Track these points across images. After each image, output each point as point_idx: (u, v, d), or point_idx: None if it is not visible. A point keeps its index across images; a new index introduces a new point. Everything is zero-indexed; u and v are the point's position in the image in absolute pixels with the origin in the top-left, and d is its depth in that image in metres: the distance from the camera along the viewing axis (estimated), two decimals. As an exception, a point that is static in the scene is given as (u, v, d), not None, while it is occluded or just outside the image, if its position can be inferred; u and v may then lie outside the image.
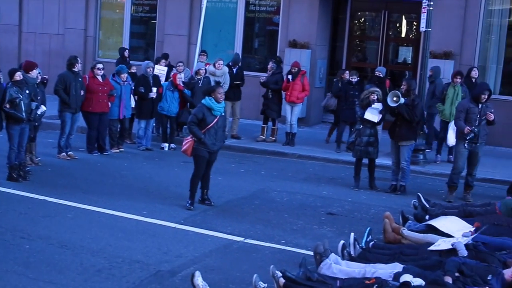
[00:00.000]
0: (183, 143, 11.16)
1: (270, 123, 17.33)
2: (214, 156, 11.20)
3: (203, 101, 10.97)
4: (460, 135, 12.31)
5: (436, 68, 16.59)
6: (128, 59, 18.32)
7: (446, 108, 15.33)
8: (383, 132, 14.33)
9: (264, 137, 17.36)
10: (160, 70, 16.79)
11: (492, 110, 12.25)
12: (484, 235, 9.19)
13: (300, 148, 16.57)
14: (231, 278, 7.88)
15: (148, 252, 8.67)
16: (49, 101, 13.91)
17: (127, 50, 18.71)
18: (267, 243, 9.35)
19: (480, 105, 12.12)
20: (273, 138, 17.36)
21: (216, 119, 10.87)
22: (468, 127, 12.01)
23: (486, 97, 12.13)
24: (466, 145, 12.17)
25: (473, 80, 16.08)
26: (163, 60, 17.51)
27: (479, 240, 8.77)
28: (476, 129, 12.05)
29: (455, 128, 12.71)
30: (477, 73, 16.40)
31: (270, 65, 17.57)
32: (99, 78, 14.74)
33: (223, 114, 11.05)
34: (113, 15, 23.34)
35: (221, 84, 16.36)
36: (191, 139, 10.96)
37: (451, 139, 14.91)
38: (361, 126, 12.96)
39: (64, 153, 14.32)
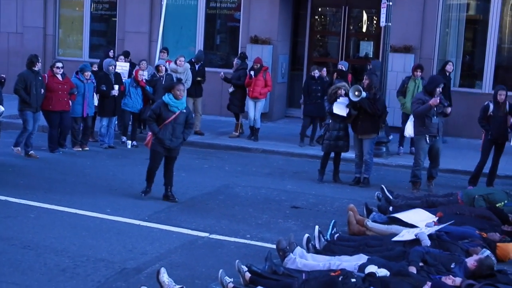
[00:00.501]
0: (147, 136, 11.38)
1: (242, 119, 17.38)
2: (174, 152, 11.22)
3: (163, 97, 11.03)
4: (419, 131, 12.28)
5: (375, 63, 16.75)
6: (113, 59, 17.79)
7: (407, 101, 15.48)
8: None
9: (237, 134, 17.40)
10: (122, 66, 16.65)
11: (446, 104, 12.34)
12: (446, 224, 9.33)
13: (263, 143, 16.59)
14: (197, 274, 7.86)
15: (112, 250, 8.60)
16: (7, 100, 13.72)
17: (112, 51, 18.39)
18: (232, 238, 9.34)
19: (435, 96, 12.15)
20: (237, 134, 17.39)
21: (174, 116, 10.88)
22: (435, 98, 11.96)
23: (441, 90, 12.23)
24: (427, 140, 12.22)
25: (447, 74, 16.29)
26: (122, 57, 17.36)
27: (442, 230, 8.89)
28: (442, 106, 12.06)
29: (413, 120, 12.74)
30: (452, 67, 16.58)
31: (235, 61, 17.63)
32: (59, 76, 14.57)
33: (184, 111, 11.03)
34: (73, 13, 23.09)
35: (184, 81, 16.37)
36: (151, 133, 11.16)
37: (409, 130, 15.03)
38: (330, 121, 13.01)
39: (18, 148, 14.16)
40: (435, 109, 12.10)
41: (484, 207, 10.43)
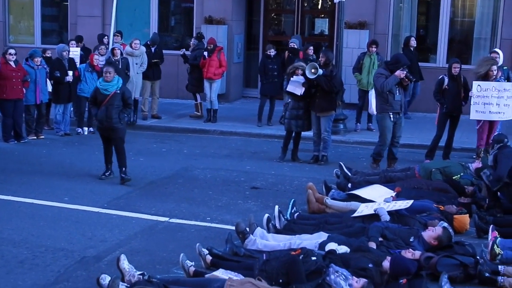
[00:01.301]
0: None
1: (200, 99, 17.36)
2: (115, 133, 11.34)
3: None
4: (383, 108, 12.11)
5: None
6: (107, 46, 17.42)
7: (363, 77, 15.57)
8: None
9: (199, 113, 17.39)
10: (73, 51, 16.37)
11: (412, 78, 12.31)
12: (405, 198, 9.42)
13: (221, 124, 16.54)
14: (158, 259, 7.83)
15: (72, 239, 8.51)
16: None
17: (106, 36, 17.95)
18: (192, 222, 9.32)
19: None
20: (199, 113, 17.38)
21: (108, 97, 11.16)
22: (400, 70, 11.80)
23: (404, 73, 12.16)
24: (391, 117, 12.07)
25: (411, 49, 16.36)
26: (73, 42, 17.08)
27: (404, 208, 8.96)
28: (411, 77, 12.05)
29: (375, 96, 12.76)
30: (415, 42, 16.68)
31: (192, 41, 17.55)
32: (12, 64, 14.31)
33: (118, 91, 11.24)
34: (23, -2, 22.62)
35: (140, 64, 16.23)
36: None
37: (373, 106, 15.14)
38: (290, 100, 13.01)
39: None
40: (397, 86, 11.96)
41: (441, 180, 10.55)
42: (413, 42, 16.61)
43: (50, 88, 15.22)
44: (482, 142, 12.64)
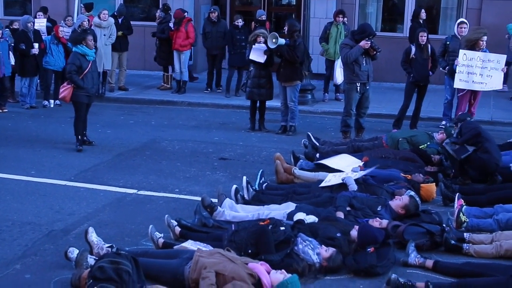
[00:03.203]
0: (61, 90, 11.57)
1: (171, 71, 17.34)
2: (92, 99, 11.71)
3: (75, 49, 11.43)
4: (350, 79, 12.01)
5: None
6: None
7: (330, 47, 15.57)
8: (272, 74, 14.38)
9: (168, 85, 17.39)
10: (39, 23, 16.11)
11: (378, 48, 12.21)
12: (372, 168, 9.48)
13: (189, 95, 16.48)
14: (127, 231, 7.80)
15: (39, 213, 8.44)
16: None
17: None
18: (160, 193, 9.29)
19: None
20: (168, 85, 17.35)
21: (90, 64, 11.33)
22: (365, 41, 11.67)
23: (369, 44, 12.11)
24: (358, 88, 11.97)
25: (421, 21, 16.24)
26: (40, 13, 16.81)
27: (368, 174, 9.03)
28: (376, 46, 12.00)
29: (342, 66, 12.77)
30: (425, 14, 16.55)
31: (158, 13, 17.37)
32: (-28, 37, 14.06)
33: (94, 57, 11.61)
34: (-16, -31, 22.16)
35: (108, 36, 16.03)
36: (68, 85, 11.36)
37: (339, 77, 15.18)
38: (252, 68, 12.98)
39: None
40: (363, 55, 11.87)
41: (408, 150, 10.64)
42: (423, 15, 16.43)
43: (13, 61, 14.92)
44: (461, 111, 12.64)
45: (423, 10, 16.57)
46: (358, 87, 12.00)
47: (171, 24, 16.44)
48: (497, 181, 9.37)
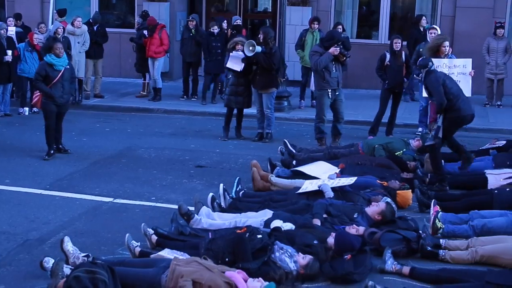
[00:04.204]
0: (33, 97, 11.88)
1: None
2: (64, 108, 11.56)
3: (44, 58, 11.36)
4: (321, 85, 12.10)
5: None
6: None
7: (306, 54, 15.60)
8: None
9: (145, 93, 17.39)
10: (10, 31, 15.94)
11: (347, 54, 12.29)
12: (349, 175, 9.52)
13: (165, 102, 16.44)
14: (103, 240, 7.75)
15: (14, 222, 8.35)
16: None
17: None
18: (137, 201, 9.25)
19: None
20: (144, 93, 17.35)
21: (61, 73, 11.16)
22: (334, 48, 11.76)
23: (338, 50, 12.17)
24: (329, 94, 12.05)
25: (421, 29, 16.21)
26: (10, 19, 16.66)
27: (347, 185, 9.05)
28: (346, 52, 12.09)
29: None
30: (426, 21, 16.53)
31: (137, 20, 17.36)
32: None
33: (68, 67, 11.35)
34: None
35: (82, 43, 15.96)
36: (39, 93, 11.47)
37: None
38: (230, 76, 12.98)
39: None
40: (333, 62, 11.95)
41: (384, 156, 10.70)
42: (424, 22, 16.38)
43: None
44: (432, 118, 12.69)
45: (424, 18, 16.48)
46: (329, 93, 12.08)
47: (145, 31, 16.40)
48: (470, 159, 9.68)
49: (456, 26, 17.72)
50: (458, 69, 12.39)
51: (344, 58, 11.98)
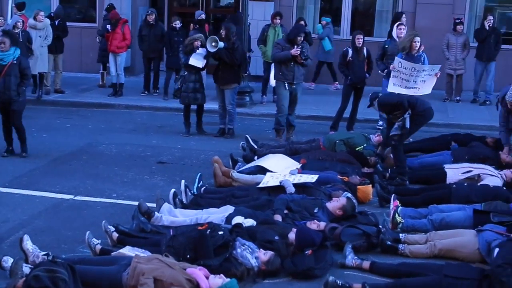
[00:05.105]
0: None
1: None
2: (14, 105, 10.99)
3: None
4: (278, 77, 12.37)
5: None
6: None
7: (268, 49, 15.61)
8: (208, 76, 14.36)
9: (101, 83, 17.54)
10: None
11: (307, 54, 12.40)
12: (310, 170, 9.58)
13: (127, 98, 16.32)
14: (63, 238, 7.69)
15: (-29, 221, 8.26)
16: None
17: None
18: (98, 198, 9.19)
19: (295, 46, 12.29)
20: (101, 83, 17.45)
21: (5, 68, 10.76)
22: (295, 49, 12.00)
23: (301, 39, 12.34)
24: (286, 86, 12.27)
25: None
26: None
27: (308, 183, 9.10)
28: (304, 52, 12.22)
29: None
30: (405, 20, 16.29)
31: (104, 13, 17.22)
32: None
33: (15, 61, 10.84)
34: None
35: (44, 37, 15.74)
36: None
37: (272, 78, 15.25)
38: (186, 73, 12.93)
39: None
40: (301, 58, 12.13)
41: (345, 151, 10.79)
42: (404, 20, 16.23)
43: None
44: None
45: (404, 15, 16.40)
46: (286, 85, 12.27)
47: (108, 26, 16.27)
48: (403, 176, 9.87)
49: (416, 22, 17.89)
50: (426, 73, 12.46)
51: (302, 61, 12.18)
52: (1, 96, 10.89)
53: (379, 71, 13.28)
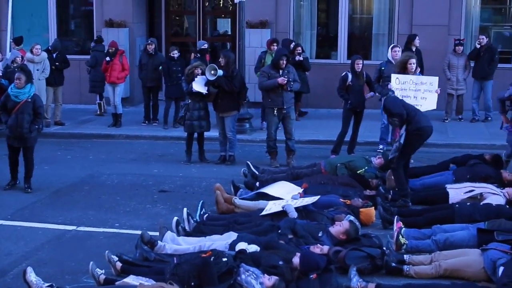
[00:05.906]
0: None
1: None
2: (26, 142, 11.09)
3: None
4: (267, 103, 12.64)
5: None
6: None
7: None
8: (208, 104, 14.40)
9: (98, 112, 17.69)
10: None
11: (293, 81, 12.50)
12: (312, 195, 9.57)
13: (127, 128, 16.36)
14: (67, 269, 7.68)
15: (-25, 254, 8.24)
16: None
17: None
18: (101, 229, 9.18)
19: (280, 71, 12.38)
20: (99, 112, 17.61)
21: (19, 105, 10.83)
22: (282, 78, 12.21)
23: (284, 62, 12.42)
24: (275, 112, 12.47)
25: (413, 49, 16.11)
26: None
27: (310, 204, 9.10)
28: (291, 81, 12.35)
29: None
30: (419, 42, 16.41)
31: (92, 45, 17.31)
32: None
33: (29, 100, 10.90)
34: None
35: (41, 71, 15.82)
36: None
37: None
38: (190, 101, 12.97)
39: None
40: (288, 87, 12.34)
41: (346, 175, 10.80)
42: (417, 42, 16.09)
43: None
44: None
45: (417, 38, 16.44)
46: (275, 111, 12.44)
47: (107, 58, 16.35)
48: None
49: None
50: (424, 86, 12.45)
51: (288, 90, 12.41)
52: (13, 132, 10.96)
53: (377, 94, 13.34)
